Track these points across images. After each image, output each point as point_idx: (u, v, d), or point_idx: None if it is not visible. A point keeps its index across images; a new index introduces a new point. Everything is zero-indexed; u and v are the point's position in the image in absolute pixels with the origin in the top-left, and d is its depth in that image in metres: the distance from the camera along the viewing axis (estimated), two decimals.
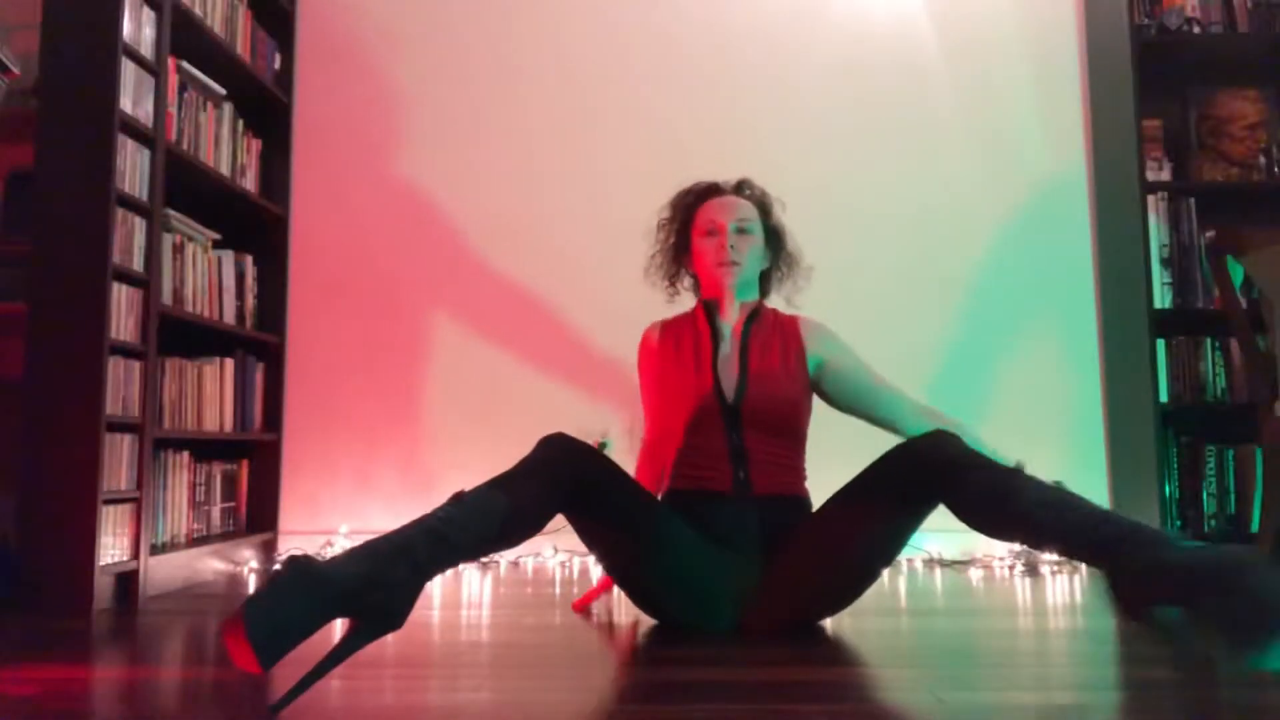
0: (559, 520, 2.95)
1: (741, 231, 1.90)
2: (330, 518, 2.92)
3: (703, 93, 3.06)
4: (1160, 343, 2.70)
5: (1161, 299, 2.71)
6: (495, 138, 3.07)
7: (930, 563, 2.78)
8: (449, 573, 2.63)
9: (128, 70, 2.14)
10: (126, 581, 2.10)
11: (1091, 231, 3.01)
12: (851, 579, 1.68)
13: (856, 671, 1.50)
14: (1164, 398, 2.67)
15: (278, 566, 1.20)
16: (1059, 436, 2.92)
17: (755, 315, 1.93)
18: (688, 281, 2.06)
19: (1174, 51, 2.83)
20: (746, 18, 3.08)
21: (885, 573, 2.63)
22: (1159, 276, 2.72)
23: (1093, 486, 2.91)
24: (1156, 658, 1.57)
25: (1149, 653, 1.59)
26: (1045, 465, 3.17)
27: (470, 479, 2.93)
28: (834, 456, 1.86)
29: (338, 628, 1.27)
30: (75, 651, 1.66)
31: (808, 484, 1.86)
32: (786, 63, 3.08)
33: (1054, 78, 3.06)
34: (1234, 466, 2.67)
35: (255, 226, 2.92)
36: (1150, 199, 2.72)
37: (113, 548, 2.04)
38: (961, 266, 2.98)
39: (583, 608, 2.01)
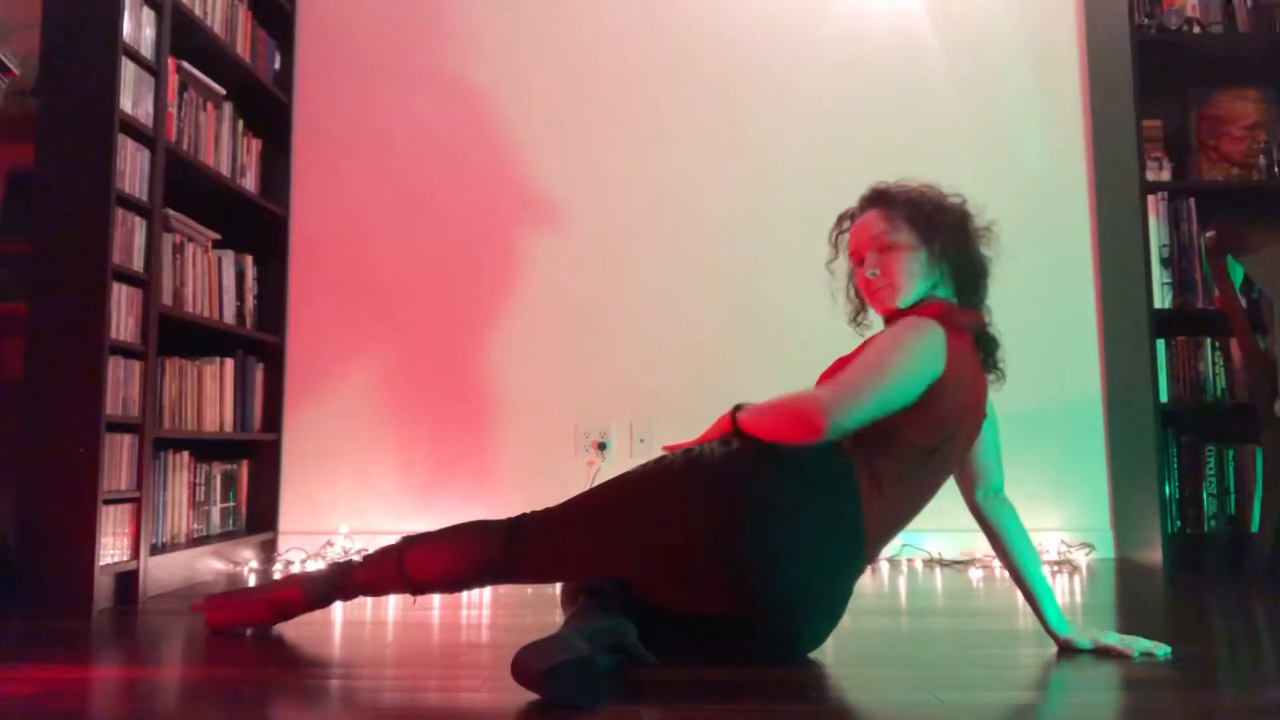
0: None
1: (885, 249, 1.61)
2: (330, 518, 2.92)
3: (703, 92, 3.06)
4: (1160, 343, 2.70)
5: (1161, 299, 2.71)
6: (495, 137, 3.06)
7: (930, 563, 2.78)
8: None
9: (128, 70, 2.14)
10: (126, 581, 2.10)
11: (1091, 231, 3.01)
12: None
13: (856, 672, 1.49)
14: (1164, 398, 2.66)
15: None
16: (1059, 436, 2.92)
17: None
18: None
19: (1174, 51, 2.83)
20: (746, 17, 3.08)
21: (886, 571, 2.64)
22: (1159, 276, 2.72)
23: (1093, 486, 2.91)
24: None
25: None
26: (1046, 464, 3.17)
27: (469, 479, 2.95)
28: None
29: None
30: (75, 651, 1.66)
31: None
32: (786, 62, 3.08)
33: (1054, 78, 3.06)
34: (1234, 466, 2.67)
35: (255, 226, 2.92)
36: (1150, 199, 2.72)
37: (113, 548, 2.04)
38: None
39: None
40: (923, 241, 1.60)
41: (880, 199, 1.67)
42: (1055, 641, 1.59)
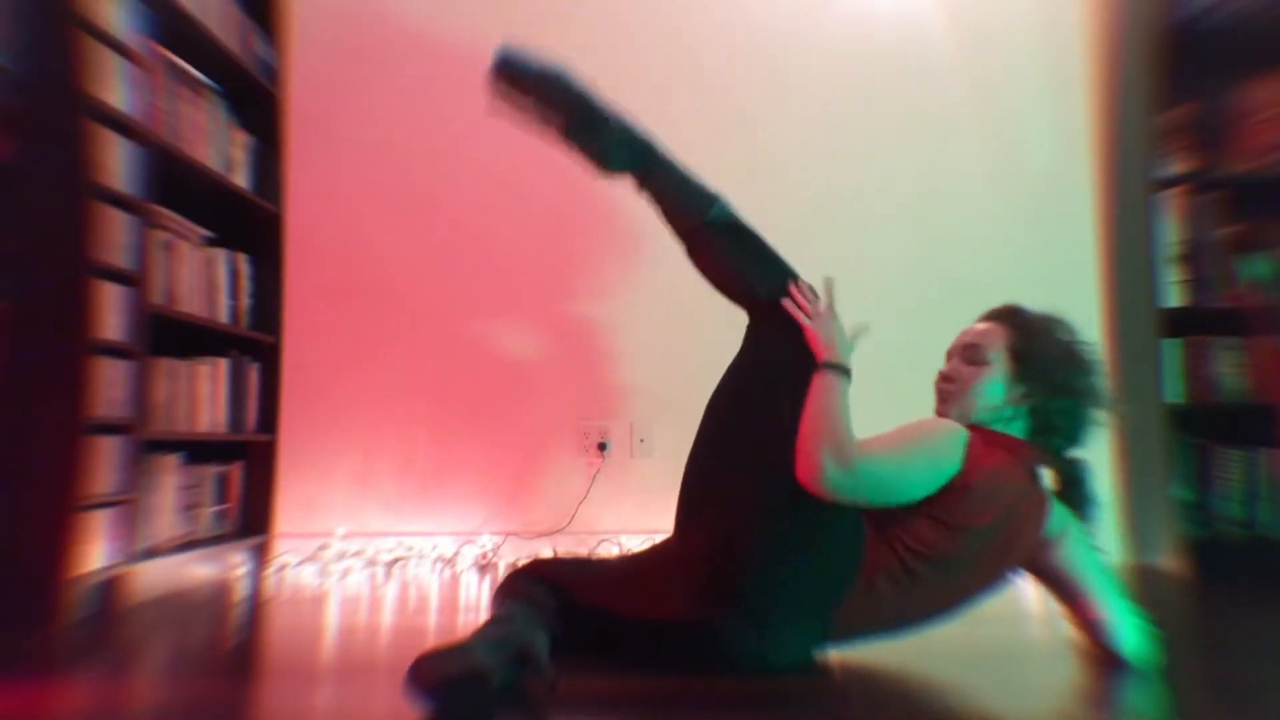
0: (558, 521, 2.91)
1: (972, 361, 1.58)
2: (327, 519, 2.87)
3: (706, 88, 3.01)
4: (1173, 342, 2.65)
5: (1174, 297, 2.66)
6: (494, 131, 3.01)
7: None
8: (445, 576, 2.60)
9: (111, 62, 2.09)
10: (114, 587, 2.06)
11: (1103, 228, 2.96)
12: None
13: (855, 672, 1.46)
14: (1178, 398, 2.61)
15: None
16: None
17: None
18: None
19: (1189, 42, 2.77)
20: (751, 12, 3.03)
21: None
22: (1173, 274, 2.67)
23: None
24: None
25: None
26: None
27: (469, 480, 2.91)
28: None
29: None
30: (60, 660, 1.62)
31: None
32: (790, 58, 3.03)
33: (1064, 70, 3.00)
34: (1253, 470, 2.62)
35: (248, 223, 2.88)
36: (1165, 194, 2.67)
37: (101, 553, 2.00)
38: (967, 263, 2.93)
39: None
40: (1014, 376, 1.54)
41: (1002, 316, 1.63)
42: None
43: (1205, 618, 2.01)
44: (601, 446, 2.90)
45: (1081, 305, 2.94)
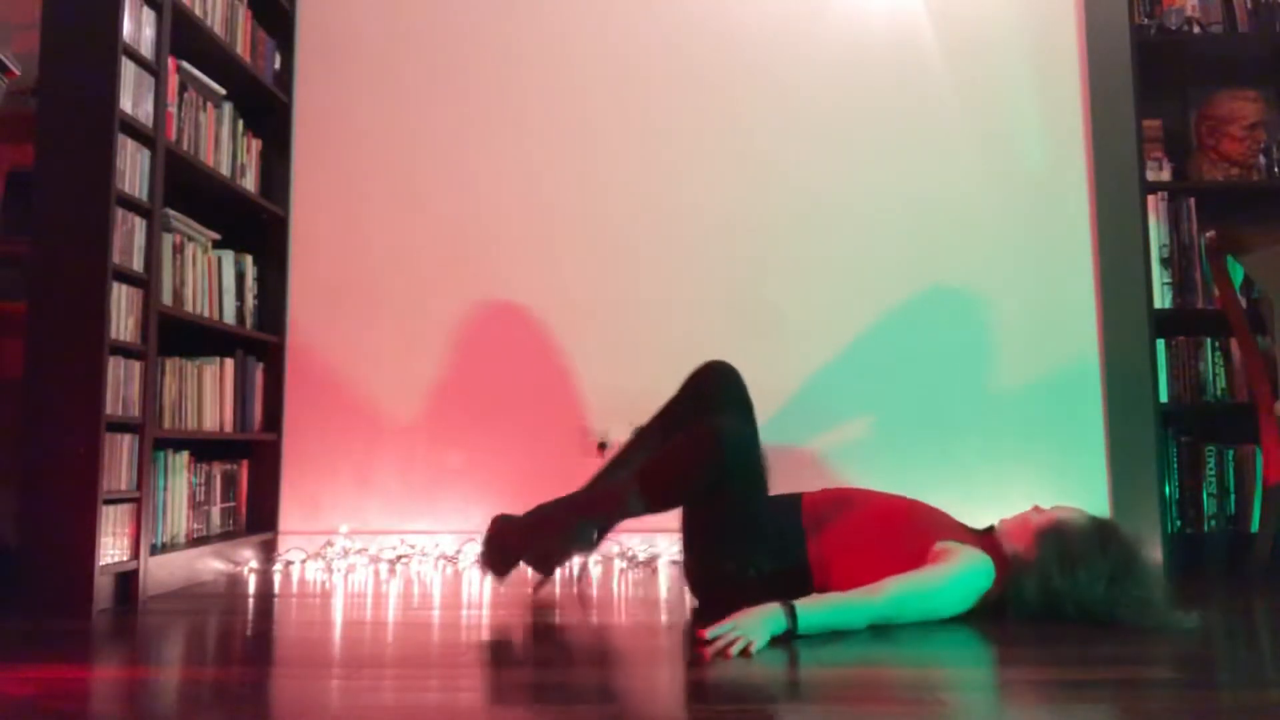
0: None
1: None
2: (330, 518, 2.91)
3: (702, 93, 3.06)
4: (1160, 343, 2.70)
5: (1161, 299, 2.71)
6: (495, 138, 3.06)
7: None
8: (448, 573, 2.64)
9: (128, 70, 2.14)
10: (126, 581, 2.10)
11: (1091, 231, 3.01)
12: None
13: (855, 671, 1.50)
14: (1164, 398, 2.67)
15: None
16: (1059, 436, 2.92)
17: None
18: None
19: (1174, 51, 2.83)
20: (746, 18, 3.08)
21: None
22: (1159, 276, 2.72)
23: (1093, 486, 2.90)
24: (1158, 657, 1.57)
25: (1151, 653, 1.59)
26: (1045, 464, 3.16)
27: (469, 479, 2.95)
28: None
29: None
30: (75, 651, 1.66)
31: None
32: (785, 63, 3.08)
33: (1054, 77, 3.06)
34: (1234, 466, 2.67)
35: (255, 226, 2.92)
36: (1150, 199, 2.72)
37: (113, 548, 2.04)
38: (961, 267, 2.98)
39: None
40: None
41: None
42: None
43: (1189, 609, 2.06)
44: (601, 446, 2.94)
45: (1078, 305, 2.98)
